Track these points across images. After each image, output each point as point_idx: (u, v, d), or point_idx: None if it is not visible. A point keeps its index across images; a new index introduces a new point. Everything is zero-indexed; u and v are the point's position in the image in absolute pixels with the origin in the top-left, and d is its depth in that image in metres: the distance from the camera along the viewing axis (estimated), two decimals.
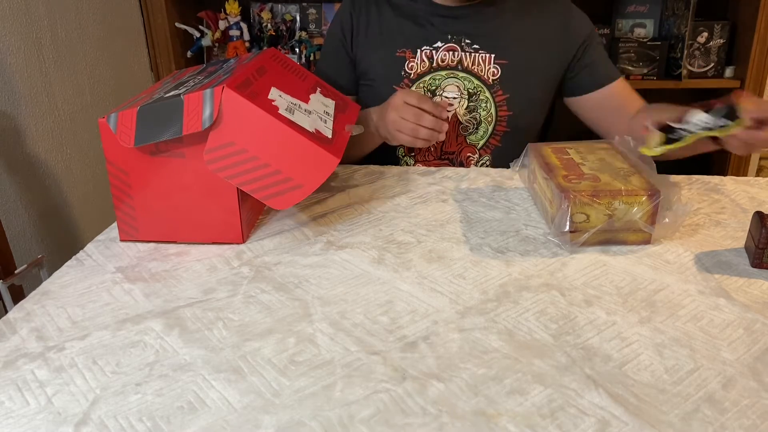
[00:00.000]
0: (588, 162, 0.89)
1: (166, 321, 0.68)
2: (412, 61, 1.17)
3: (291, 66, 0.99)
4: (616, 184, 0.81)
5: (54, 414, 0.55)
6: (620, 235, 0.82)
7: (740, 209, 0.93)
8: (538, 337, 0.64)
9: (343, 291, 0.73)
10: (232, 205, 0.83)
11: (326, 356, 0.61)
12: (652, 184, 0.81)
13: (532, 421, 0.53)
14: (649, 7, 2.02)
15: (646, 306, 0.69)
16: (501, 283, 0.74)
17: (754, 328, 0.65)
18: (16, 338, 0.66)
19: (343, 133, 0.89)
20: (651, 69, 1.97)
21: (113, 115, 0.79)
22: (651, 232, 0.81)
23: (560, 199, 0.80)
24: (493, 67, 1.15)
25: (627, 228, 0.81)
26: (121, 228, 0.86)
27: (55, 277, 0.78)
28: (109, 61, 1.75)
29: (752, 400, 0.55)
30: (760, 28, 1.80)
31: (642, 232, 0.82)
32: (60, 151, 1.53)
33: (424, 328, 0.65)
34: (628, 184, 0.81)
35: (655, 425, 0.52)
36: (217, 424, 0.53)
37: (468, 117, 1.17)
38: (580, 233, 0.81)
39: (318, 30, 2.11)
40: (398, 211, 0.94)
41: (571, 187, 0.81)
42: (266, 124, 0.77)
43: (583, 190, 0.80)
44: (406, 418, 0.53)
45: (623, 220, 0.80)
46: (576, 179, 0.83)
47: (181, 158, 0.81)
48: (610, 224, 0.81)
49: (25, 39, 1.41)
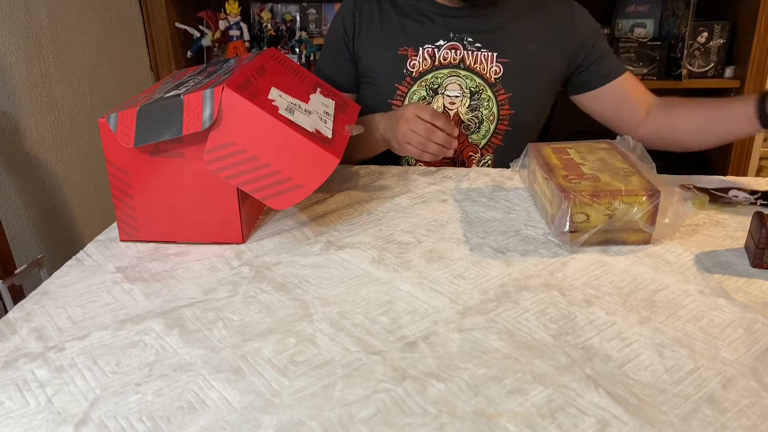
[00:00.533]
0: (588, 162, 0.89)
1: (166, 321, 0.68)
2: (414, 59, 1.17)
3: (291, 66, 0.99)
4: (616, 184, 0.81)
5: (54, 414, 0.55)
6: (620, 235, 0.82)
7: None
8: (538, 337, 0.64)
9: (343, 291, 0.73)
10: (232, 205, 0.83)
11: (326, 356, 0.61)
12: (652, 184, 0.81)
13: (532, 421, 0.53)
14: (649, 7, 2.02)
15: (646, 306, 0.69)
16: (501, 283, 0.74)
17: (754, 328, 0.65)
18: (16, 338, 0.66)
19: (343, 134, 0.89)
20: (651, 69, 1.97)
21: (113, 115, 0.79)
22: (651, 232, 0.81)
23: (560, 199, 0.80)
24: (496, 65, 1.15)
25: (627, 228, 0.81)
26: (121, 228, 0.86)
27: (55, 277, 0.78)
28: (109, 61, 1.75)
29: (752, 400, 0.55)
30: (760, 28, 1.80)
31: (642, 232, 0.82)
32: (60, 151, 1.53)
33: (424, 328, 0.65)
34: (628, 184, 0.81)
35: (655, 425, 0.52)
36: (217, 424, 0.53)
37: (470, 116, 1.17)
38: (580, 233, 0.81)
39: (318, 30, 2.11)
40: (398, 211, 0.94)
41: (571, 187, 0.81)
42: (266, 124, 0.77)
43: (583, 190, 0.80)
44: (406, 418, 0.53)
45: (623, 220, 0.80)
46: (576, 179, 0.83)
47: (181, 158, 0.81)
48: (610, 224, 0.81)
49: (25, 39, 1.41)
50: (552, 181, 0.84)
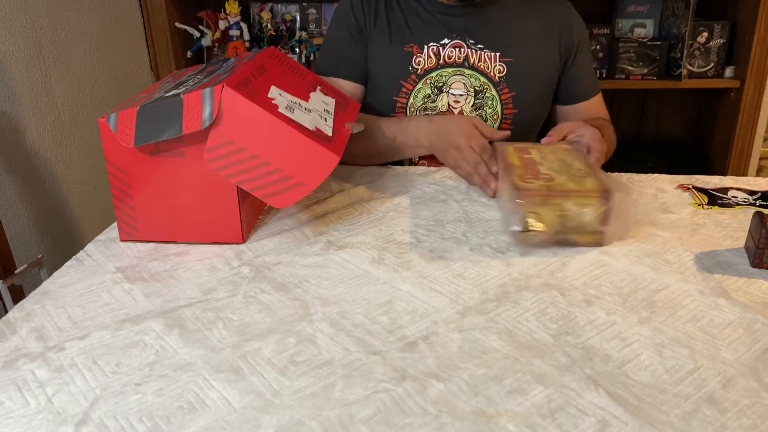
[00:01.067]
0: (547, 162, 0.89)
1: (166, 321, 0.68)
2: (419, 57, 1.17)
3: (291, 64, 0.99)
4: (569, 185, 0.81)
5: (54, 414, 0.55)
6: (573, 237, 0.82)
7: (740, 209, 0.93)
8: (538, 337, 0.64)
9: (343, 291, 0.73)
10: (232, 204, 0.83)
11: (326, 356, 0.61)
12: (606, 186, 0.81)
13: (532, 421, 0.53)
14: (649, 7, 2.02)
15: (646, 306, 0.69)
16: (501, 283, 0.74)
17: (754, 328, 0.65)
18: (16, 338, 0.66)
19: (343, 132, 0.89)
20: (651, 69, 1.97)
21: (113, 115, 0.79)
22: (604, 233, 0.81)
23: (513, 199, 0.80)
24: (499, 65, 1.16)
25: (579, 230, 0.81)
26: (121, 228, 0.86)
27: (55, 277, 0.78)
28: (109, 61, 1.75)
29: (752, 400, 0.55)
30: (760, 28, 1.80)
31: (594, 234, 0.81)
32: (60, 151, 1.53)
33: (424, 328, 0.65)
34: (581, 185, 0.81)
35: (655, 425, 0.52)
36: (217, 424, 0.53)
37: (474, 114, 1.17)
38: (532, 233, 0.80)
39: (318, 30, 2.11)
40: (398, 211, 0.94)
41: (524, 187, 0.81)
42: (266, 122, 0.77)
43: (537, 190, 0.80)
44: (406, 418, 0.53)
45: (575, 221, 0.80)
46: (531, 179, 0.83)
47: (181, 158, 0.81)
48: (562, 225, 0.80)
49: (25, 39, 1.41)
50: (506, 180, 0.84)
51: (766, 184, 1.03)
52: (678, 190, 1.00)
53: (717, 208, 0.93)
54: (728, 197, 0.95)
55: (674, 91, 2.13)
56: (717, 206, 0.93)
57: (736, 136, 1.92)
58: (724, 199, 0.95)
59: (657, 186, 1.02)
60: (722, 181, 1.03)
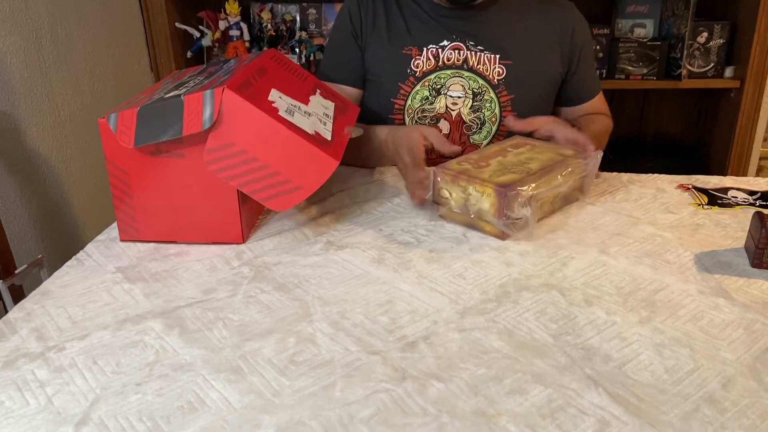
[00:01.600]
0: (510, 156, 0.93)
1: (166, 321, 0.68)
2: (418, 59, 1.17)
3: (291, 67, 0.99)
4: (483, 174, 0.85)
5: (54, 414, 0.55)
6: (479, 223, 0.86)
7: (740, 209, 0.93)
8: (538, 337, 0.64)
9: (343, 291, 0.73)
10: (232, 205, 0.83)
11: (326, 356, 0.61)
12: (513, 184, 0.81)
13: (532, 421, 0.53)
14: (649, 7, 2.02)
15: (646, 306, 0.69)
16: (501, 283, 0.74)
17: (754, 328, 0.65)
18: (16, 338, 0.66)
19: (342, 135, 0.89)
20: (651, 69, 1.97)
21: (113, 115, 0.79)
22: (498, 227, 0.83)
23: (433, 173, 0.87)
24: (498, 67, 1.16)
25: (482, 218, 0.84)
26: (121, 228, 0.86)
27: (55, 277, 0.78)
28: (109, 61, 1.75)
29: (752, 400, 0.55)
30: (760, 28, 1.80)
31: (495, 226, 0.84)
32: (60, 151, 1.53)
33: (424, 328, 0.65)
34: (492, 177, 0.84)
35: (655, 425, 0.52)
36: (217, 424, 0.53)
37: (472, 117, 1.17)
38: (444, 208, 0.88)
39: (318, 30, 2.11)
40: (398, 211, 0.94)
41: (448, 165, 0.87)
42: (266, 125, 0.77)
43: (453, 169, 0.86)
44: (406, 418, 0.53)
45: (476, 207, 0.84)
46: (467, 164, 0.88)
47: (181, 158, 0.81)
48: (466, 209, 0.85)
49: (25, 39, 1.41)
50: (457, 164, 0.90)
51: (766, 184, 1.03)
52: (678, 190, 1.00)
53: (717, 208, 0.93)
54: (728, 197, 0.95)
55: (674, 91, 2.14)
56: (717, 206, 0.93)
57: (736, 136, 1.92)
58: (724, 199, 0.95)
59: (657, 186, 1.02)
60: (722, 181, 1.03)
